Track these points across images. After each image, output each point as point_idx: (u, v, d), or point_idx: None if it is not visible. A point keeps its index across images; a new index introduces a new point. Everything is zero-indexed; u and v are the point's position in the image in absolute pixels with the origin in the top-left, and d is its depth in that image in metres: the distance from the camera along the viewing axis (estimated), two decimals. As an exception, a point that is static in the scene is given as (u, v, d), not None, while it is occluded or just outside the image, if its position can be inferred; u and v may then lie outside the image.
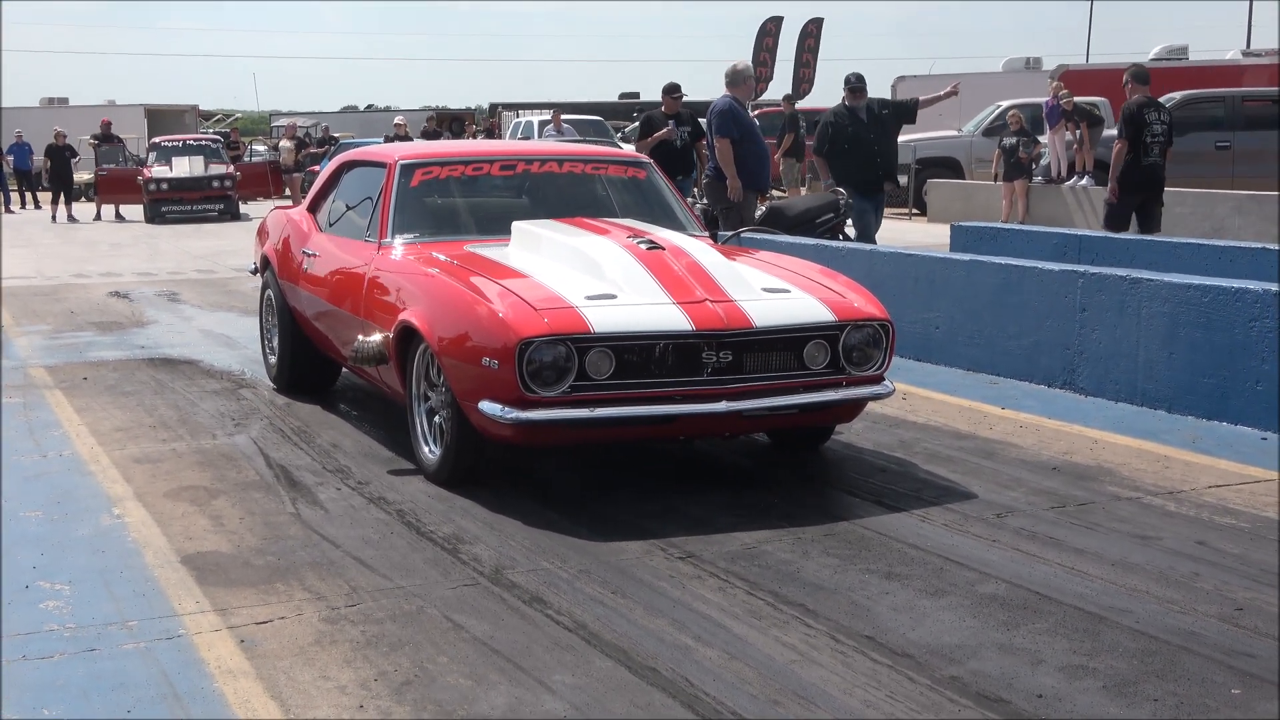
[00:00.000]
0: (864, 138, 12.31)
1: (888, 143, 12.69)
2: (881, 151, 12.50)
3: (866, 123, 12.37)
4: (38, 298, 13.88)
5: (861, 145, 12.29)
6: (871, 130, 12.38)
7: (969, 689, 3.93)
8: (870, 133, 12.36)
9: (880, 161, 12.46)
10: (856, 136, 12.30)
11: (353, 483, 6.27)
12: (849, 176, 12.32)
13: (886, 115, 12.68)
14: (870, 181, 12.36)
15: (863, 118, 12.39)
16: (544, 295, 5.84)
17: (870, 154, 12.32)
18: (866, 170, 12.33)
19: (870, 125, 12.38)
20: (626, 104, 43.50)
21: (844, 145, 12.31)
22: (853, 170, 12.31)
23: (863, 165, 12.29)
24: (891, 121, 12.73)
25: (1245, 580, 4.81)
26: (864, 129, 12.34)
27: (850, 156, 12.31)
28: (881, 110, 12.68)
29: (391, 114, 51.31)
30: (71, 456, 6.85)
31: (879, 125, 12.46)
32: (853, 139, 12.29)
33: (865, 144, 12.31)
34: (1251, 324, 6.95)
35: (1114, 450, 6.71)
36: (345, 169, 8.27)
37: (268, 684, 4.02)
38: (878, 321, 6.09)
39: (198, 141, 29.98)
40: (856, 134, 12.31)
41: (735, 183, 11.72)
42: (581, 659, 4.17)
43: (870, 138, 12.34)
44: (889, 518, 5.63)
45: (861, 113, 12.42)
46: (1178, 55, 29.64)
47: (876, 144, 12.39)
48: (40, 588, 4.86)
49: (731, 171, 11.72)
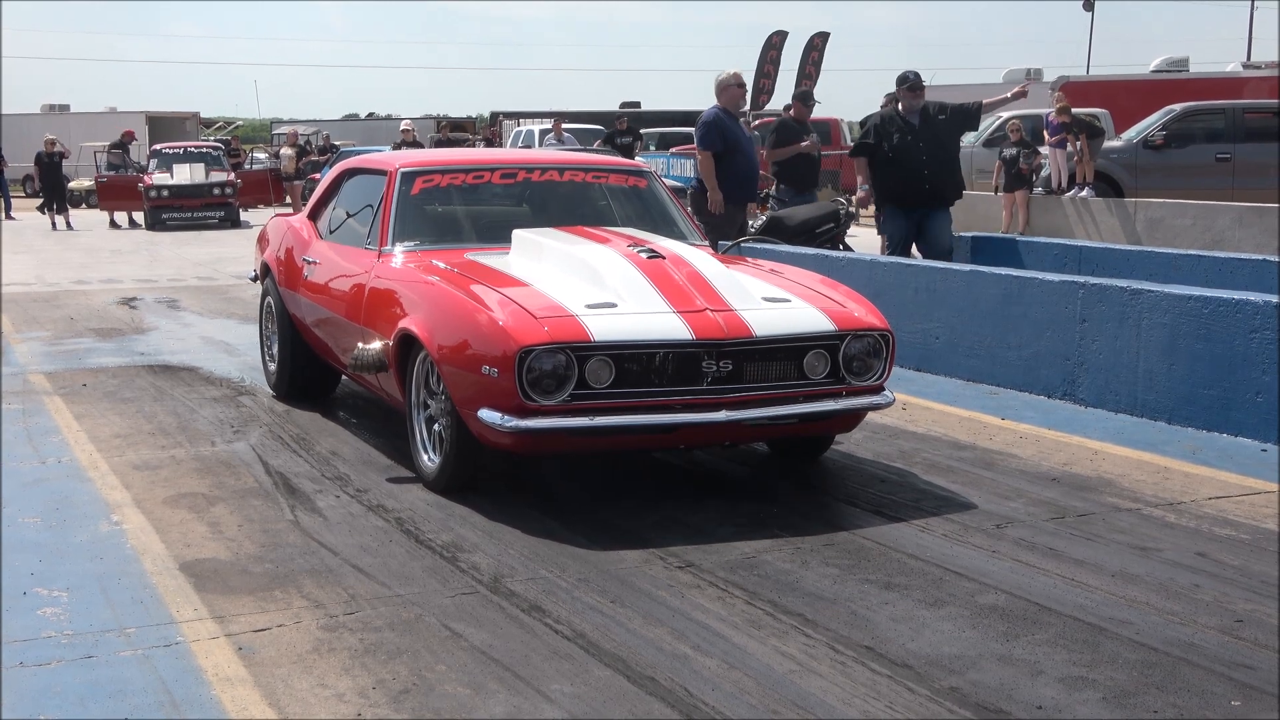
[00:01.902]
0: (911, 146, 10.98)
1: (940, 153, 11.16)
2: (932, 163, 11.02)
3: (918, 128, 11.03)
4: (37, 304, 13.88)
5: (907, 154, 10.98)
6: (922, 138, 11.00)
7: (968, 700, 3.92)
8: (920, 140, 10.98)
9: (928, 174, 10.98)
10: (902, 143, 11.01)
11: (351, 490, 6.26)
12: (887, 188, 11.21)
13: (943, 121, 11.19)
14: (913, 196, 11.04)
15: (914, 122, 11.06)
16: (544, 304, 5.83)
17: (916, 164, 10.94)
18: (909, 183, 11.00)
19: (922, 132, 11.01)
20: (628, 113, 43.48)
21: (886, 152, 11.05)
22: (893, 182, 11.12)
23: (905, 177, 11.00)
24: (949, 129, 11.31)
25: (1245, 592, 4.80)
26: (913, 135, 11.00)
27: (892, 165, 11.06)
28: (938, 115, 11.16)
29: (393, 121, 51.36)
30: (70, 463, 6.85)
31: (931, 132, 11.05)
32: (897, 146, 11.03)
33: (911, 153, 10.97)
34: (1252, 335, 6.95)
35: (1114, 461, 6.71)
36: (346, 177, 8.27)
37: (265, 692, 4.01)
38: (878, 331, 6.08)
39: (199, 149, 30.05)
40: (903, 141, 11.01)
41: (716, 195, 11.20)
42: (580, 668, 4.17)
43: (919, 146, 10.98)
44: (888, 528, 5.62)
45: (914, 117, 11.09)
46: (1178, 68, 29.70)
47: (925, 153, 10.99)
48: (38, 594, 4.86)
49: (712, 184, 11.23)
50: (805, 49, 34.26)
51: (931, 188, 11.02)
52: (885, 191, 11.24)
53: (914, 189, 10.98)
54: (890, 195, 11.19)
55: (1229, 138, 21.16)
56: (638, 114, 42.84)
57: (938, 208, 11.12)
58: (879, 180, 11.20)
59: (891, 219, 11.25)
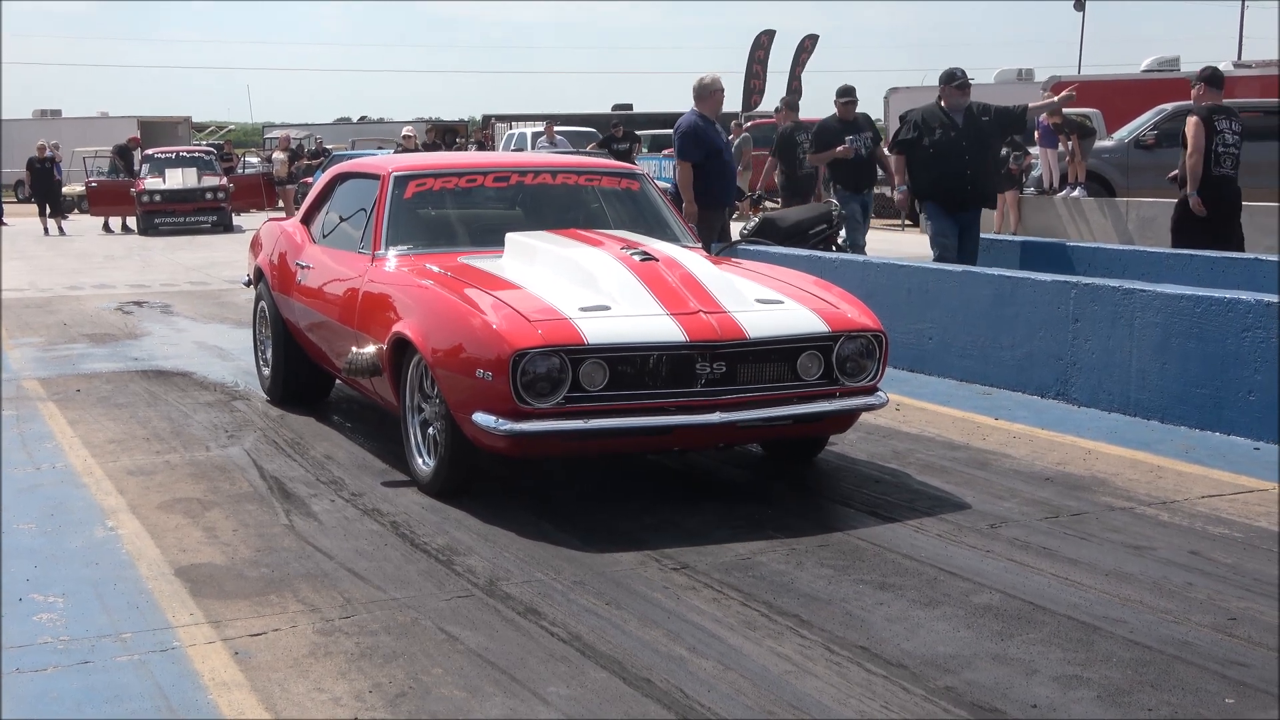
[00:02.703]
0: (955, 145, 10.52)
1: (983, 155, 10.75)
2: (974, 163, 10.58)
3: (962, 128, 10.56)
4: (30, 310, 13.87)
5: (951, 154, 10.51)
6: (965, 138, 10.54)
7: (963, 699, 3.93)
8: (964, 140, 10.53)
9: (970, 175, 10.56)
10: (946, 143, 10.54)
11: (346, 494, 6.27)
12: (930, 189, 10.73)
13: (987, 123, 10.72)
14: (955, 199, 10.60)
15: (958, 122, 10.58)
16: (538, 307, 5.84)
17: (959, 166, 10.49)
18: (953, 185, 10.55)
19: (966, 132, 10.56)
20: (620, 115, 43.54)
21: (928, 150, 10.57)
22: (936, 183, 10.63)
23: (949, 178, 10.53)
24: (992, 131, 10.84)
25: (1239, 590, 4.81)
26: (957, 135, 10.54)
27: (935, 166, 10.59)
28: (981, 116, 10.69)
29: (385, 125, 51.34)
30: (65, 468, 6.84)
31: (976, 133, 10.60)
32: (940, 145, 10.54)
33: (955, 153, 10.51)
34: (1244, 334, 6.96)
35: (1107, 460, 6.72)
36: (339, 181, 8.28)
37: (262, 696, 4.01)
38: (871, 332, 6.10)
39: (191, 153, 30.00)
40: (946, 140, 10.54)
41: (690, 208, 10.82)
42: (576, 670, 4.17)
43: (963, 145, 10.52)
44: (883, 528, 5.63)
45: (958, 115, 10.60)
46: (1169, 67, 29.73)
47: (969, 154, 10.53)
48: (34, 600, 4.86)
49: (689, 196, 10.90)
50: (796, 51, 34.34)
51: (973, 189, 10.65)
52: (924, 189, 10.81)
53: (955, 189, 10.59)
54: (929, 193, 10.78)
55: (1220, 137, 21.14)
56: (630, 116, 42.88)
57: (973, 210, 10.78)
58: (917, 177, 10.80)
59: (937, 218, 10.76)
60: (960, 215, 10.68)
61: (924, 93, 28.53)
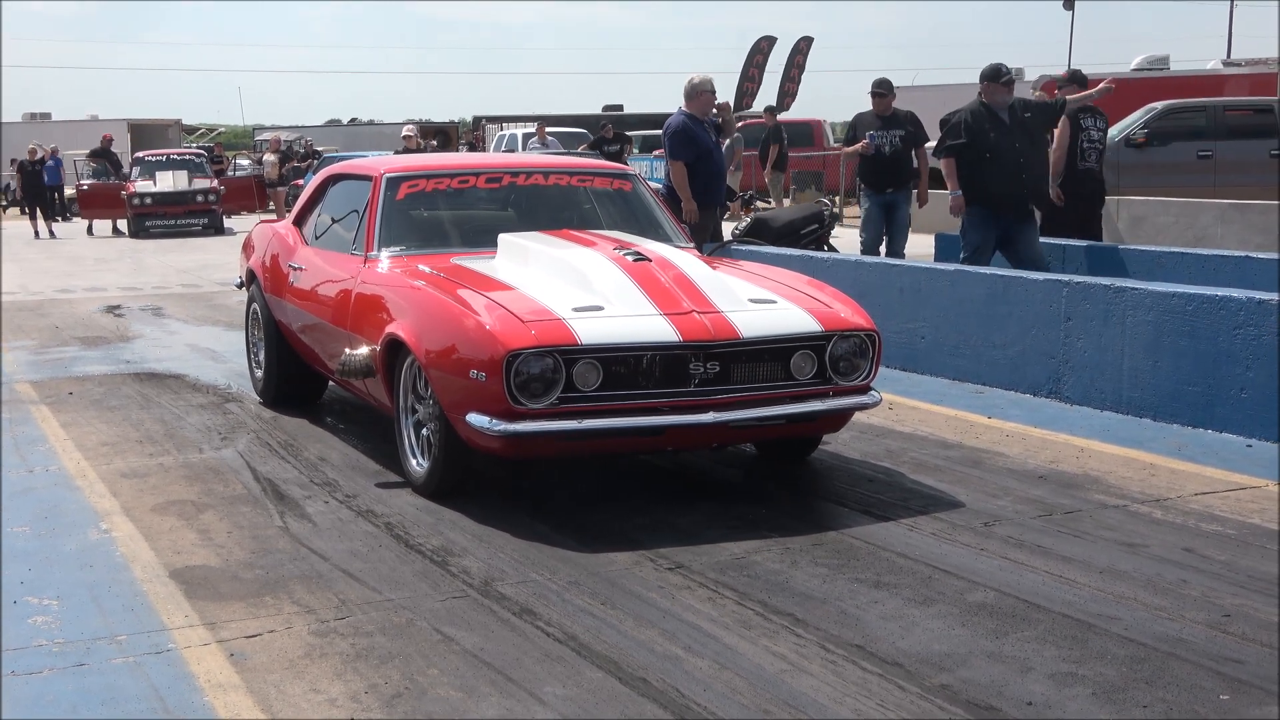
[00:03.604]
0: (1007, 145, 10.08)
1: (1035, 153, 10.42)
2: (1029, 164, 10.22)
3: (1010, 126, 10.16)
4: (22, 313, 13.84)
5: (1005, 154, 10.06)
6: (1016, 136, 10.14)
7: (959, 697, 3.94)
8: (1015, 139, 10.12)
9: (1026, 177, 10.15)
10: (998, 143, 10.08)
11: (340, 496, 6.26)
12: (986, 192, 10.14)
13: (1030, 120, 10.40)
14: (1012, 200, 10.14)
15: (1005, 120, 10.16)
16: (531, 307, 5.84)
17: (1014, 166, 10.06)
18: (1009, 185, 10.08)
19: (1014, 130, 10.17)
20: (611, 116, 43.51)
21: (983, 153, 10.07)
22: (992, 184, 10.09)
23: (1005, 179, 10.05)
24: (1035, 126, 10.52)
25: (1232, 587, 4.83)
26: (1007, 134, 10.13)
27: (990, 167, 10.07)
28: (1024, 113, 10.35)
29: (376, 127, 51.31)
30: (58, 471, 6.84)
31: (1024, 130, 10.24)
32: (994, 146, 10.07)
33: (1009, 153, 10.07)
34: (1236, 331, 6.98)
35: (1100, 458, 6.73)
36: (331, 182, 8.27)
37: (258, 697, 4.01)
38: (864, 331, 6.10)
39: (181, 156, 29.97)
40: (999, 139, 10.08)
41: (690, 205, 10.78)
42: (572, 670, 4.18)
43: (1015, 146, 10.10)
44: (877, 527, 5.64)
45: (1004, 113, 10.17)
46: (1159, 65, 29.77)
47: (1022, 154, 10.14)
48: (28, 603, 4.85)
49: (686, 195, 10.85)
50: (791, 53, 34.38)
51: (1029, 191, 10.22)
52: (976, 194, 10.21)
53: (1012, 191, 10.10)
54: (982, 197, 10.18)
55: (1210, 135, 21.20)
56: (621, 117, 42.86)
57: (1027, 214, 10.31)
58: (969, 181, 10.23)
59: (977, 225, 10.25)
60: (1009, 219, 10.19)
61: (915, 92, 28.58)
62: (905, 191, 12.48)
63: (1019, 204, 10.16)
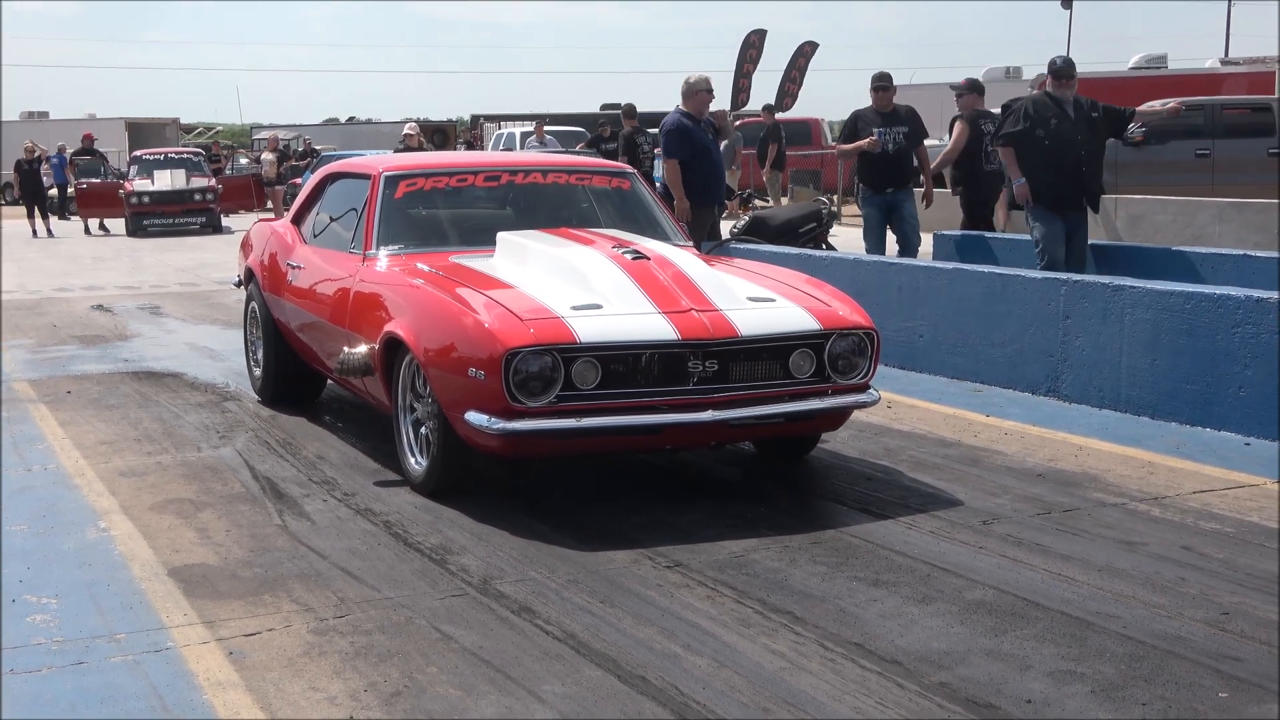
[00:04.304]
0: (1069, 138, 9.64)
1: (1096, 151, 9.89)
2: (1089, 159, 9.74)
3: (1075, 120, 9.68)
4: (20, 312, 13.83)
5: (1065, 147, 9.63)
6: (1080, 130, 9.68)
7: (958, 695, 3.94)
8: (1078, 133, 9.67)
9: (1085, 172, 9.71)
10: (1060, 134, 9.63)
11: (339, 494, 6.26)
12: (1042, 186, 9.77)
13: (1097, 119, 9.84)
14: (1069, 196, 9.74)
15: (1070, 113, 9.69)
16: (530, 306, 5.84)
17: (1074, 160, 9.63)
18: (1067, 180, 9.67)
19: (1079, 124, 9.69)
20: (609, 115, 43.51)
21: (1043, 142, 9.66)
22: (1049, 176, 9.70)
23: (1064, 173, 9.65)
24: (1102, 127, 9.93)
25: (1231, 585, 4.83)
26: (1071, 127, 9.66)
27: (1049, 159, 9.68)
28: (1091, 112, 9.82)
29: (374, 126, 51.28)
30: (56, 470, 6.83)
31: (1089, 127, 9.75)
32: (1055, 136, 9.62)
33: (1070, 146, 9.64)
34: (1234, 330, 6.98)
35: (1098, 457, 6.74)
36: (329, 181, 8.27)
37: (257, 695, 4.01)
38: (863, 330, 6.10)
39: (179, 155, 29.95)
40: (1061, 131, 9.63)
41: (683, 204, 10.73)
42: (571, 668, 4.18)
43: (1078, 140, 9.65)
44: (876, 525, 5.64)
45: (1069, 106, 9.71)
46: (1157, 64, 29.77)
47: (1084, 149, 9.68)
48: (27, 601, 4.85)
49: (679, 194, 10.81)
50: (793, 55, 34.38)
51: (1085, 187, 9.77)
52: (1039, 190, 9.82)
53: (1070, 186, 9.70)
54: (1044, 194, 9.78)
55: (1208, 134, 21.21)
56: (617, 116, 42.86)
57: (1083, 215, 9.91)
58: (1032, 175, 9.82)
59: (1045, 222, 9.80)
60: (1067, 217, 9.80)
61: (913, 90, 28.54)
62: (907, 190, 11.97)
63: (1075, 200, 9.75)
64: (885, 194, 11.81)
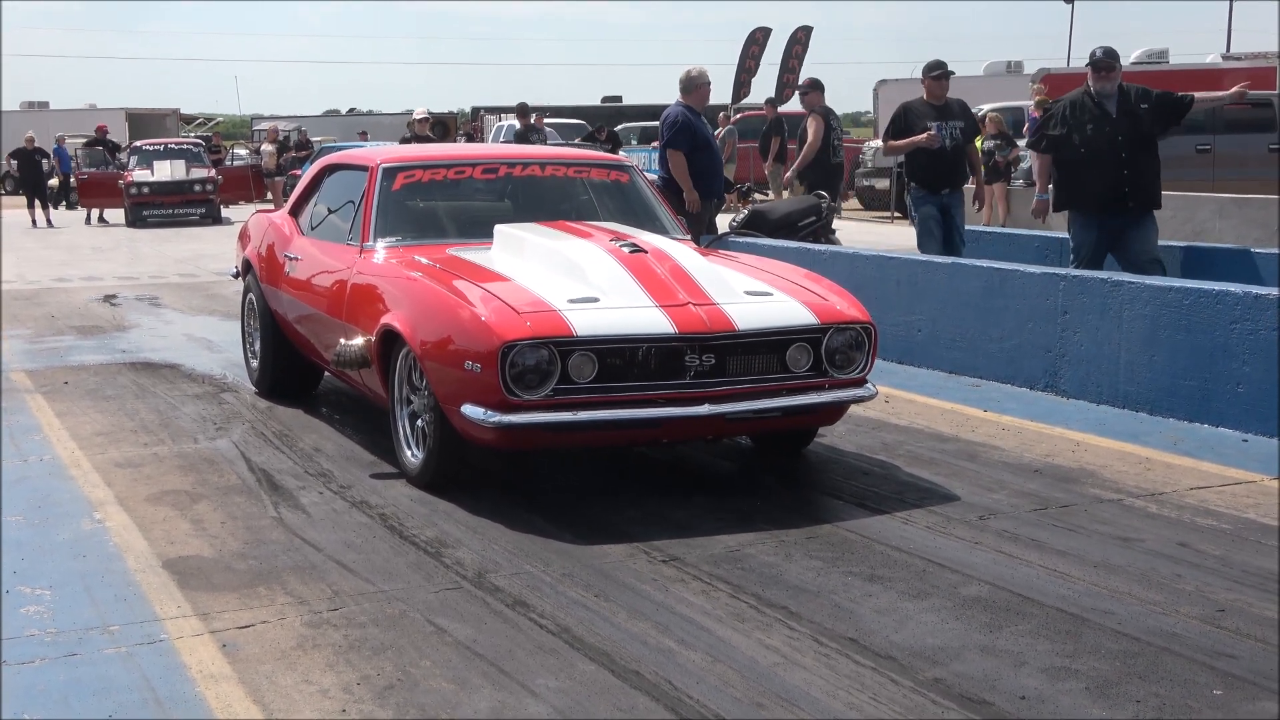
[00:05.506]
0: (1109, 138, 9.07)
1: (1143, 150, 9.16)
2: (1133, 162, 9.08)
3: (1116, 118, 9.09)
4: (18, 302, 13.82)
5: (1104, 150, 9.07)
6: (1121, 129, 9.07)
7: (952, 691, 3.93)
8: (1120, 133, 9.06)
9: (1129, 175, 9.06)
10: (1096, 138, 9.09)
11: (335, 486, 6.25)
12: (1081, 192, 9.25)
13: (1146, 111, 9.16)
14: (1110, 201, 9.12)
15: (1110, 110, 9.12)
16: (526, 299, 5.83)
17: (1114, 162, 9.04)
18: (1107, 184, 9.08)
19: (1121, 123, 9.08)
20: (610, 108, 43.49)
21: (1079, 150, 9.17)
22: (1087, 182, 9.16)
23: (1102, 177, 9.07)
24: (1151, 121, 9.21)
25: (1227, 582, 4.82)
26: (1111, 126, 9.09)
27: (1086, 164, 9.15)
28: (1139, 104, 9.15)
29: (374, 117, 51.20)
30: (52, 461, 6.82)
31: (1132, 124, 9.10)
32: (1091, 141, 9.11)
33: (1109, 147, 9.06)
34: (1232, 326, 6.97)
35: (1096, 452, 6.73)
36: (327, 172, 8.26)
37: (250, 688, 4.01)
38: (860, 324, 6.09)
39: (179, 145, 29.93)
40: (1097, 135, 9.09)
41: (692, 195, 10.57)
42: (565, 662, 4.17)
43: (1118, 140, 9.05)
44: (872, 520, 5.63)
45: (1110, 103, 9.13)
46: (1158, 59, 29.73)
47: (1125, 149, 9.05)
48: (21, 592, 4.84)
49: (688, 185, 10.61)
50: (789, 43, 34.36)
51: (1132, 191, 9.09)
52: (1071, 195, 9.37)
53: (1110, 193, 9.10)
54: (1077, 201, 9.34)
55: (1209, 129, 21.19)
56: (620, 109, 42.83)
57: (1139, 215, 9.21)
58: (1064, 181, 9.41)
59: (1082, 228, 9.37)
60: (1116, 220, 9.20)
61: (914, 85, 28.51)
62: (960, 192, 11.21)
63: (1120, 206, 9.11)
64: (941, 195, 11.01)
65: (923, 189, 11.01)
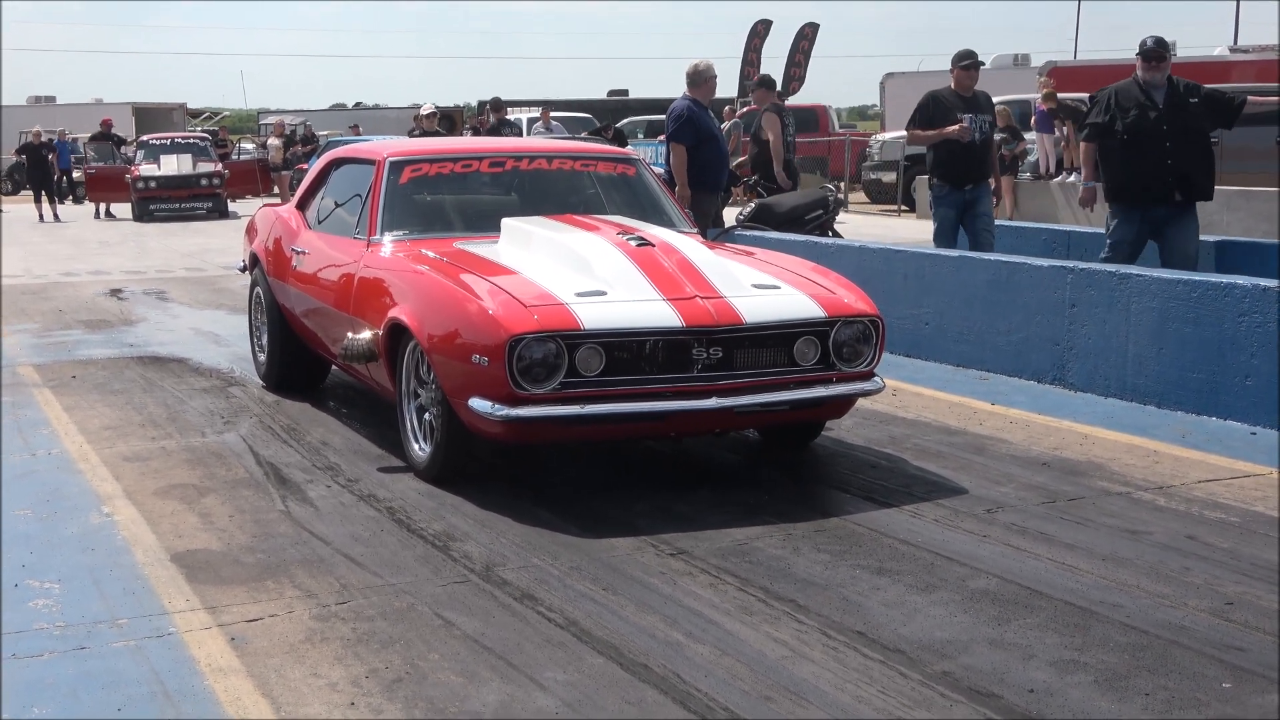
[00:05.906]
0: (1154, 127, 8.80)
1: (1190, 141, 8.89)
2: (1178, 151, 8.81)
3: (1163, 109, 8.84)
4: (25, 296, 13.84)
5: (1148, 139, 8.79)
6: (1167, 119, 8.81)
7: (960, 684, 3.93)
8: (1165, 121, 8.80)
9: (1172, 165, 8.78)
10: (1142, 123, 8.82)
11: (342, 480, 6.26)
12: (1124, 182, 8.99)
13: (1195, 105, 8.93)
14: (1154, 190, 8.88)
15: (1157, 100, 8.87)
16: (534, 292, 5.83)
17: (1159, 153, 8.77)
18: (1149, 174, 8.81)
19: (1169, 113, 8.83)
20: (616, 101, 43.42)
21: (1121, 136, 8.90)
22: (1131, 172, 8.90)
23: (1145, 166, 8.80)
24: (1200, 115, 8.96)
25: (1235, 574, 4.81)
26: (1157, 115, 8.83)
27: (1129, 152, 8.89)
28: (1189, 97, 8.93)
29: (380, 111, 51.16)
30: (60, 455, 6.83)
31: (1180, 116, 8.84)
32: (1134, 125, 8.84)
33: (1154, 137, 8.78)
34: (1240, 318, 6.96)
35: (1104, 445, 6.72)
36: (334, 166, 8.26)
37: (258, 682, 4.01)
38: (867, 317, 6.09)
39: (186, 140, 29.94)
40: (1143, 120, 8.82)
41: (684, 190, 10.39)
42: (573, 656, 4.17)
43: (1163, 129, 8.79)
44: (879, 513, 5.63)
45: (1158, 93, 8.88)
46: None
47: (1170, 139, 8.79)
48: (30, 586, 4.85)
49: (683, 179, 10.51)
50: (795, 38, 34.37)
51: (1177, 180, 8.83)
52: (1113, 183, 9.11)
53: (1155, 182, 8.84)
54: (1121, 190, 9.04)
55: (1216, 122, 21.12)
56: (625, 103, 42.77)
57: (1183, 207, 8.97)
58: (1108, 169, 9.13)
59: (1122, 220, 9.06)
60: (1157, 212, 8.95)
61: (921, 78, 28.48)
62: (986, 185, 10.70)
63: (1165, 195, 8.86)
64: (964, 191, 10.55)
65: (945, 184, 10.59)
